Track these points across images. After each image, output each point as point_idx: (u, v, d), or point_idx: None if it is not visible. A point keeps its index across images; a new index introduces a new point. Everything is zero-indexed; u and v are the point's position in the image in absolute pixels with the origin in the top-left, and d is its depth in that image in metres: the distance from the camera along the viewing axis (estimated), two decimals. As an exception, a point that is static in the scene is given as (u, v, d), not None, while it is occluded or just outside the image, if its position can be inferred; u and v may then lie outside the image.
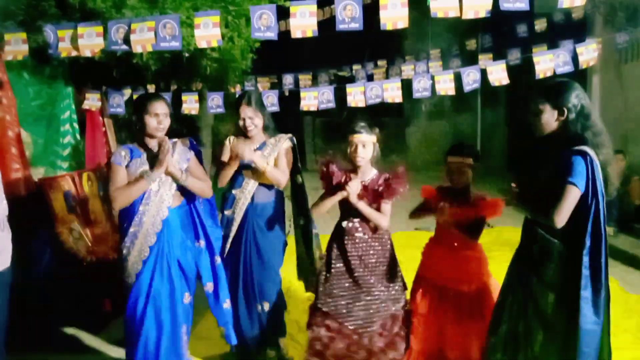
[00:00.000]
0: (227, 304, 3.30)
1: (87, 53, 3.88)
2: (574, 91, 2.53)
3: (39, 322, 3.90)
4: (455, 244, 3.10)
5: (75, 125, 5.43)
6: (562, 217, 2.43)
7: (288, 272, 3.79)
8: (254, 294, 3.43)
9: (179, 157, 3.08)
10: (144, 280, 2.92)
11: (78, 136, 5.46)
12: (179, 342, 3.00)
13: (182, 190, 3.08)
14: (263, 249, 3.43)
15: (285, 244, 3.59)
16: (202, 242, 3.23)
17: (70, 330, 4.10)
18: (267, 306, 3.44)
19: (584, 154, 2.43)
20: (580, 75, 6.20)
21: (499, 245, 5.55)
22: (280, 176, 3.40)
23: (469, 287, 3.04)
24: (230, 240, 3.45)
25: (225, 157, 3.48)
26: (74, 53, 3.89)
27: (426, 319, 3.08)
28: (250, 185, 3.43)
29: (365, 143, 3.03)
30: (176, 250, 3.01)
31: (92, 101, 5.50)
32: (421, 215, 3.26)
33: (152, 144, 3.01)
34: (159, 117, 2.94)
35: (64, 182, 4.48)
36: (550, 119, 2.55)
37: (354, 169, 3.10)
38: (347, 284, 3.06)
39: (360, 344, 3.00)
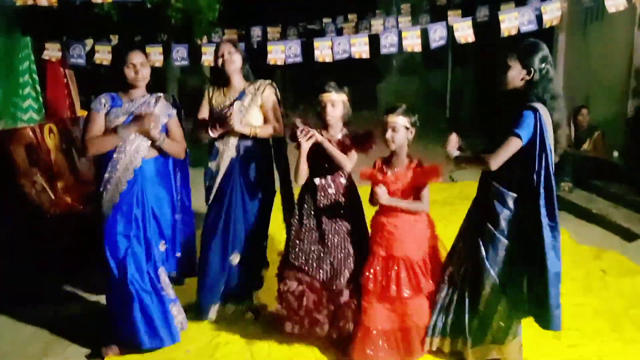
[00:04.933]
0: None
1: (44, 2, 3.77)
2: (542, 53, 2.66)
3: (8, 276, 3.92)
4: (400, 214, 2.99)
5: (35, 76, 5.29)
6: (496, 161, 2.61)
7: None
8: (232, 246, 3.44)
9: (159, 112, 3.12)
10: (113, 223, 3.03)
11: (38, 87, 5.33)
12: (158, 283, 3.13)
13: None
14: (247, 201, 3.46)
15: (273, 195, 3.58)
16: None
17: (43, 282, 4.11)
18: (236, 259, 3.45)
19: (534, 110, 2.58)
20: (546, 34, 6.27)
21: (462, 199, 5.71)
22: (271, 130, 3.41)
23: (417, 254, 2.98)
24: (213, 192, 3.46)
25: (204, 110, 3.46)
26: (30, 1, 3.77)
27: (377, 295, 3.00)
28: (233, 137, 3.39)
29: (334, 102, 3.09)
30: (150, 198, 3.12)
31: (51, 51, 5.34)
32: (376, 199, 3.02)
33: (135, 94, 3.11)
34: (135, 67, 3.03)
35: (25, 134, 4.42)
36: (516, 76, 2.68)
37: (324, 126, 3.15)
38: (316, 239, 3.16)
39: (329, 298, 3.11)
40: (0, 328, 3.51)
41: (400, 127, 2.94)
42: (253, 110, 3.40)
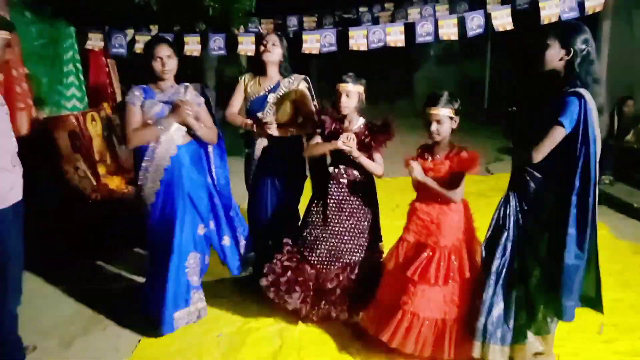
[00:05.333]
0: (225, 241, 3.54)
1: (87, -8, 3.87)
2: (584, 35, 2.55)
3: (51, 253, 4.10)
4: (434, 200, 2.93)
5: (79, 65, 5.45)
6: (540, 153, 2.52)
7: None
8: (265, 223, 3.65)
9: (191, 100, 3.23)
10: (157, 209, 3.21)
11: (81, 76, 5.49)
12: (183, 269, 3.24)
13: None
14: (280, 186, 3.63)
15: (304, 180, 3.73)
16: (209, 180, 3.47)
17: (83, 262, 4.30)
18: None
19: (579, 96, 2.47)
20: (589, 22, 6.08)
21: (497, 190, 5.60)
22: (308, 130, 3.51)
23: (446, 243, 2.87)
24: (251, 176, 3.70)
25: (237, 97, 3.64)
26: (73, -8, 3.89)
27: (395, 277, 2.98)
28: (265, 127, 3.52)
29: (350, 92, 3.13)
30: (186, 184, 3.23)
31: (94, 41, 5.50)
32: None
33: (164, 85, 3.23)
34: (162, 60, 3.15)
35: (68, 121, 4.58)
36: (555, 55, 2.58)
37: (341, 117, 3.19)
38: (320, 224, 3.25)
39: (315, 281, 3.21)
40: (44, 305, 3.67)
41: (445, 119, 2.84)
42: (286, 104, 3.53)
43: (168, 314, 3.18)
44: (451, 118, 2.87)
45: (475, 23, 5.24)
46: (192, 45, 5.68)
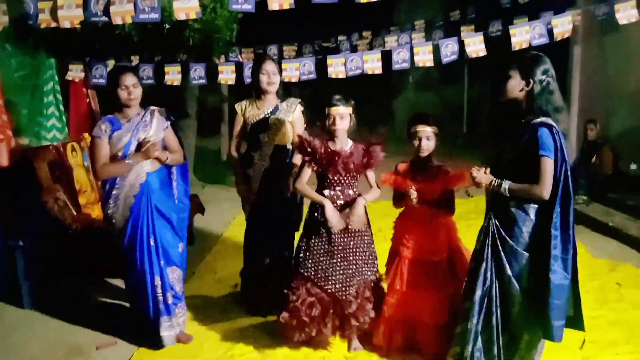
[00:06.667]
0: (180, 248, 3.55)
1: (67, 24, 3.93)
2: (543, 66, 2.66)
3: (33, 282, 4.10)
4: (426, 217, 3.17)
5: (59, 96, 5.47)
6: (548, 189, 2.59)
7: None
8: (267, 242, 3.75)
9: (156, 127, 3.30)
10: (126, 234, 3.24)
11: (62, 107, 5.50)
12: (168, 286, 3.33)
13: None
14: (276, 208, 3.72)
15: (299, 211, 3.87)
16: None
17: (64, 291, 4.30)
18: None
19: (549, 127, 2.59)
20: (560, 47, 6.28)
21: (477, 213, 5.70)
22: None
23: (441, 256, 3.15)
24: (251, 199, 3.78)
25: (238, 125, 3.79)
26: (53, 24, 3.94)
27: (402, 293, 3.17)
28: (268, 149, 3.70)
29: (343, 115, 3.20)
30: (159, 206, 3.28)
31: (75, 72, 5.53)
32: (402, 202, 3.28)
33: (130, 112, 3.27)
34: (128, 88, 3.20)
35: (48, 152, 4.57)
36: (515, 86, 2.69)
37: (331, 138, 3.25)
38: (326, 250, 3.22)
39: (335, 310, 3.19)
40: (28, 332, 3.67)
41: (432, 135, 3.12)
42: (284, 126, 3.70)
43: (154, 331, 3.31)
44: (436, 135, 3.14)
45: (449, 50, 5.40)
46: (173, 75, 5.75)
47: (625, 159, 6.51)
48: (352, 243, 3.23)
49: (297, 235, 3.57)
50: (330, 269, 3.19)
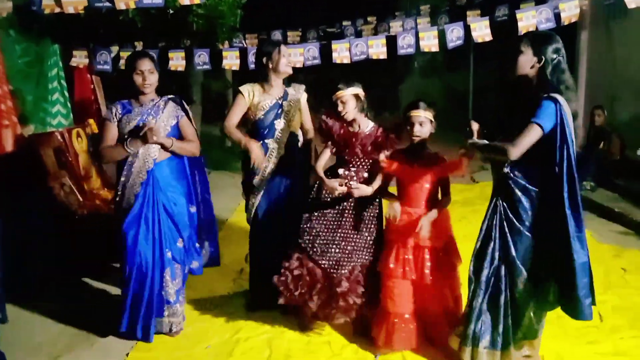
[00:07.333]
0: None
1: (71, 10, 3.93)
2: (555, 44, 2.64)
3: (38, 272, 4.08)
4: (422, 204, 3.12)
5: (63, 82, 5.47)
6: (517, 150, 2.55)
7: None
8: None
9: (167, 115, 3.26)
10: (131, 224, 3.17)
11: (66, 93, 5.51)
12: (160, 283, 3.25)
13: None
14: (292, 189, 3.62)
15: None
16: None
17: (69, 279, 4.28)
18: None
19: (554, 100, 2.54)
20: (567, 32, 6.22)
21: (483, 199, 5.65)
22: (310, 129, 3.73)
23: (438, 242, 3.10)
24: (264, 188, 3.61)
25: (239, 107, 3.57)
26: (57, 10, 3.94)
27: (402, 281, 3.11)
28: (283, 135, 3.59)
29: (346, 98, 3.20)
30: (163, 199, 3.22)
31: (79, 58, 5.54)
32: (389, 198, 3.25)
33: (144, 99, 3.24)
34: (143, 74, 3.16)
35: (53, 138, 4.59)
36: (526, 62, 2.66)
37: (347, 122, 3.26)
38: (327, 226, 3.25)
39: (325, 285, 3.20)
40: (30, 324, 3.66)
41: (426, 121, 3.07)
42: (295, 111, 3.62)
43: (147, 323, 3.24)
44: (431, 121, 3.08)
45: (455, 35, 5.36)
46: (177, 61, 5.74)
47: (630, 145, 6.47)
48: (357, 222, 3.24)
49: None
50: (328, 244, 3.22)
